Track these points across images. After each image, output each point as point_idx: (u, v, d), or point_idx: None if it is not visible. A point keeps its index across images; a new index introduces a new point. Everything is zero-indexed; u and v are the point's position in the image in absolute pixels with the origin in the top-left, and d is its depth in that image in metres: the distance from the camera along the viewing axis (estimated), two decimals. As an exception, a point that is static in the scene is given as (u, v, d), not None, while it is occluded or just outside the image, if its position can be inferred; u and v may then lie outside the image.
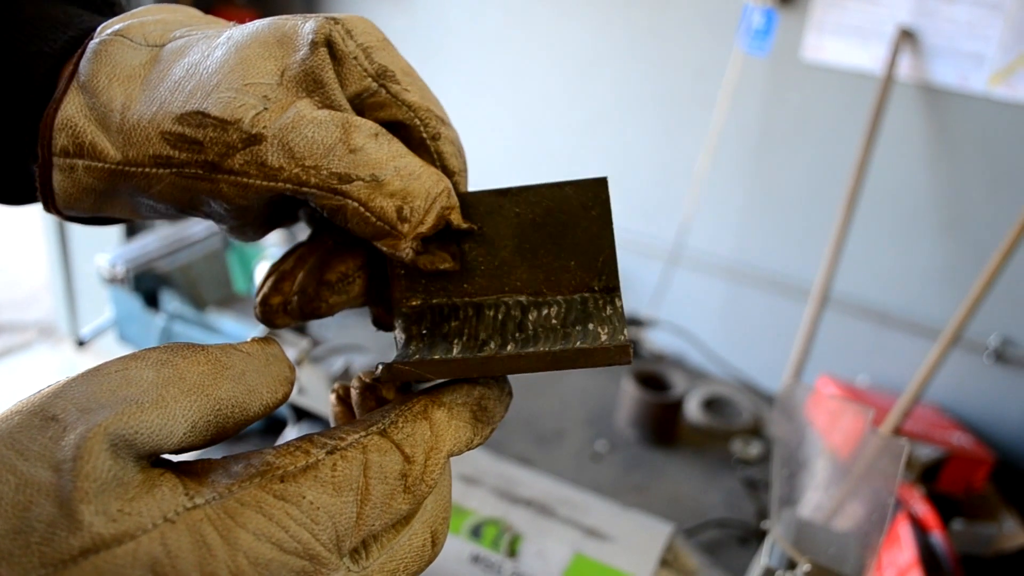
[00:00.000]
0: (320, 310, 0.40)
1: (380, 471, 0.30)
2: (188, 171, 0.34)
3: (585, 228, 0.38)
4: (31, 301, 3.49)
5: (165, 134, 0.34)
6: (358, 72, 0.36)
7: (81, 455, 0.24)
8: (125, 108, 0.34)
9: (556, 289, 0.38)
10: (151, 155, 0.34)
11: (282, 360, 0.33)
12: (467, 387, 0.35)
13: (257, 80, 0.34)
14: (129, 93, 0.35)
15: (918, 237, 2.23)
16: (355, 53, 0.36)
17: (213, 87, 0.33)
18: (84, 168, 0.35)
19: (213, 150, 0.33)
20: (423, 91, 0.38)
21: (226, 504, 0.26)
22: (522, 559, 0.90)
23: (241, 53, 0.34)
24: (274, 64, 0.35)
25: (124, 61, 0.35)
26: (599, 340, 0.35)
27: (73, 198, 0.37)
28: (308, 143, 0.33)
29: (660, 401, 1.41)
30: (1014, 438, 2.21)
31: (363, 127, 0.35)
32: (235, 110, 0.33)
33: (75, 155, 0.35)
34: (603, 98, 2.56)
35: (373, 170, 0.34)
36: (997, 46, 2.01)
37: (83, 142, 0.35)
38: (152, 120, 0.34)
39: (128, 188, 0.36)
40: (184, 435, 0.28)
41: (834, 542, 0.73)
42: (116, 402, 0.26)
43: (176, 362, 0.29)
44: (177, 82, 0.34)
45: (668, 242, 2.53)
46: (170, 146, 0.34)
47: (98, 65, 0.35)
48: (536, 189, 0.38)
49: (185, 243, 1.52)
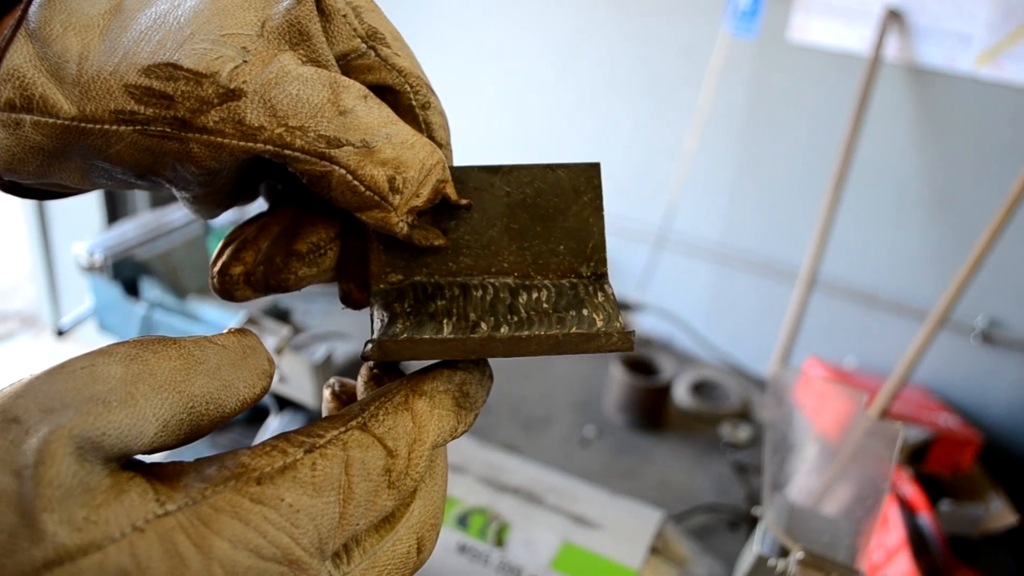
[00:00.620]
0: (288, 282, 0.37)
1: (362, 467, 0.28)
2: (154, 129, 0.31)
3: (576, 213, 0.37)
4: (13, 291, 3.46)
5: (129, 87, 0.30)
6: (347, 31, 0.33)
7: (44, 460, 0.22)
8: (82, 58, 0.31)
9: (544, 273, 0.37)
10: (112, 110, 0.31)
11: (260, 352, 0.31)
12: (447, 373, 0.33)
13: (236, 31, 0.31)
14: (87, 43, 0.31)
15: (905, 219, 2.23)
16: (344, 11, 0.33)
17: (186, 37, 0.30)
18: (32, 124, 0.32)
19: (185, 105, 0.30)
20: (412, 58, 0.36)
21: (199, 510, 0.24)
22: (509, 548, 0.89)
23: (218, 2, 0.31)
24: (254, 14, 0.32)
25: (81, 9, 0.32)
26: (595, 326, 0.34)
27: (17, 159, 0.33)
28: (293, 101, 0.30)
29: (648, 386, 1.40)
30: (1001, 419, 2.22)
31: (352, 88, 0.32)
32: (211, 62, 0.30)
33: (22, 109, 0.31)
34: (588, 80, 2.54)
35: (364, 135, 0.31)
36: (984, 26, 2.00)
37: (32, 95, 0.31)
38: (115, 72, 0.30)
39: (82, 148, 0.32)
40: (155, 435, 0.26)
41: (827, 529, 0.72)
42: (82, 401, 0.24)
43: (146, 357, 0.27)
44: (143, 32, 0.31)
45: (654, 225, 2.52)
46: (135, 100, 0.30)
47: (51, 12, 0.32)
48: (528, 169, 0.37)
49: (165, 230, 1.49)
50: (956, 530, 1.69)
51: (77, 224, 2.86)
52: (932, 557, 1.63)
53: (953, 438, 1.90)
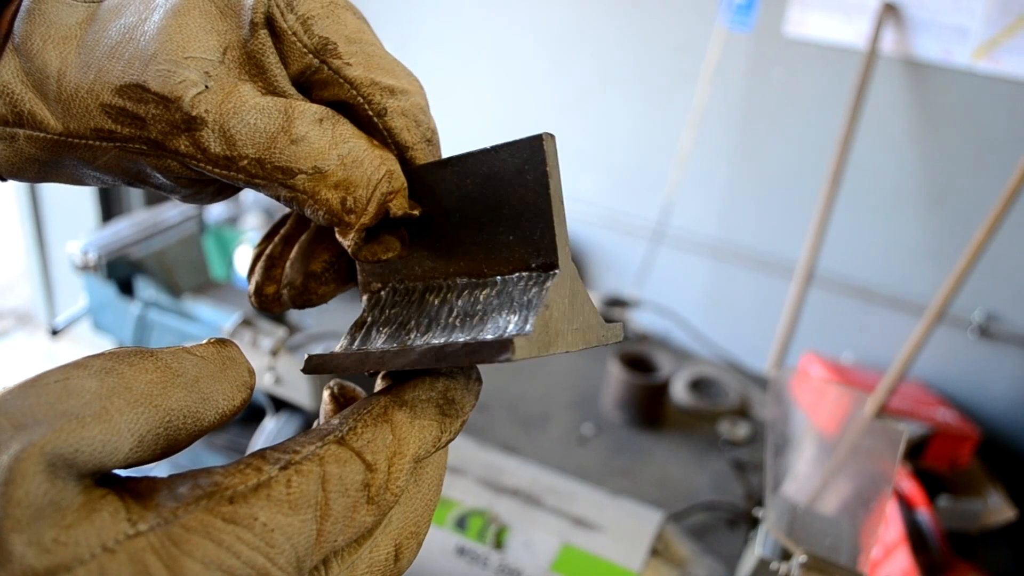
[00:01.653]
0: (312, 302, 0.40)
1: (340, 483, 0.27)
2: (132, 146, 0.33)
3: (521, 197, 0.33)
4: (8, 289, 3.44)
5: (105, 106, 0.32)
6: (298, 49, 0.34)
7: (13, 478, 0.21)
8: (61, 75, 0.33)
9: (496, 268, 0.34)
10: (92, 128, 0.33)
11: (240, 363, 0.30)
12: (429, 380, 0.32)
13: (198, 54, 0.32)
14: (64, 57, 0.33)
15: (902, 213, 2.22)
16: (294, 28, 0.33)
17: (151, 56, 0.32)
18: (25, 138, 0.34)
19: (156, 128, 0.32)
20: (368, 59, 0.34)
21: (170, 530, 0.24)
22: (509, 551, 0.88)
23: (180, 19, 0.32)
24: (216, 39, 0.33)
25: (59, 20, 0.33)
26: (500, 332, 0.31)
27: (16, 167, 0.35)
28: (250, 131, 0.32)
29: (646, 383, 1.40)
30: (999, 413, 2.22)
31: (306, 113, 0.33)
32: (175, 86, 0.31)
33: (15, 124, 0.34)
34: (584, 75, 2.53)
35: (315, 161, 0.33)
36: (981, 19, 2.00)
37: (22, 111, 0.33)
38: (91, 91, 0.32)
39: (72, 159, 0.34)
40: (131, 450, 0.25)
41: (829, 530, 0.72)
42: (55, 416, 0.23)
43: (121, 370, 0.26)
44: (113, 47, 0.32)
45: (651, 221, 2.51)
46: (111, 119, 0.32)
47: (32, 25, 0.33)
48: (473, 156, 0.34)
49: (159, 228, 1.48)
50: (954, 525, 1.69)
51: (72, 222, 2.85)
52: (931, 553, 1.63)
53: (951, 433, 1.90)
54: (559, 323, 0.31)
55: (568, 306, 0.32)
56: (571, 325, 0.31)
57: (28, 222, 2.94)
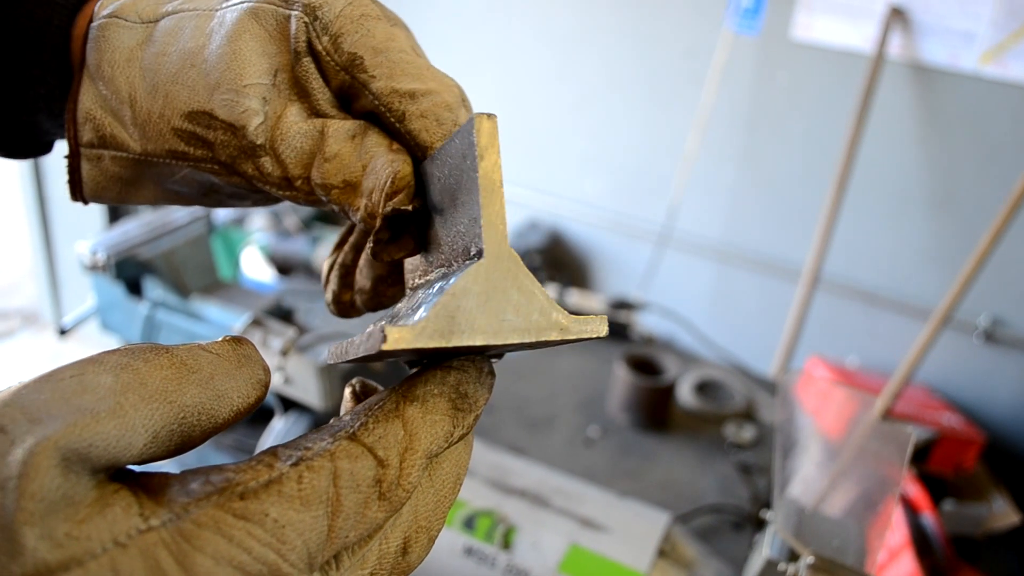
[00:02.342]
0: (383, 304, 0.42)
1: (351, 479, 0.27)
2: (204, 166, 0.36)
3: (465, 182, 0.32)
4: (14, 289, 3.45)
5: (177, 130, 0.36)
6: (332, 67, 0.36)
7: (27, 472, 0.22)
8: (132, 100, 0.36)
9: (455, 258, 0.33)
10: (167, 150, 0.36)
11: (255, 361, 0.30)
12: (440, 374, 0.32)
13: (254, 80, 0.35)
14: (132, 81, 0.36)
15: (908, 217, 2.22)
16: (327, 48, 0.36)
17: (214, 85, 0.35)
18: (110, 158, 0.38)
19: (225, 152, 0.36)
20: (393, 67, 0.36)
21: (182, 526, 0.24)
22: (516, 551, 0.89)
23: (235, 46, 0.35)
24: (268, 62, 0.36)
25: (121, 43, 0.37)
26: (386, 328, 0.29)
27: (101, 186, 0.39)
28: (296, 154, 0.35)
29: (652, 385, 1.40)
30: (1004, 418, 2.22)
31: (340, 132, 0.36)
32: (239, 115, 0.35)
33: (100, 146, 0.38)
34: (591, 77, 2.54)
35: (345, 176, 0.35)
36: (988, 24, 2.00)
37: (105, 134, 0.37)
38: (162, 115, 0.36)
39: (153, 175, 0.38)
40: (145, 446, 0.25)
41: (836, 532, 0.72)
42: (69, 411, 0.23)
43: (137, 366, 0.26)
44: (176, 73, 0.35)
45: (657, 223, 2.52)
46: (183, 142, 0.36)
47: (99, 53, 0.36)
48: (444, 146, 0.34)
49: (168, 229, 1.48)
50: (959, 530, 1.69)
51: (78, 222, 2.86)
52: (935, 557, 1.63)
53: (956, 437, 1.90)
54: (472, 314, 0.29)
55: (492, 296, 0.30)
56: (497, 316, 0.30)
57: (35, 222, 2.95)
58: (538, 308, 0.30)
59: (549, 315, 0.30)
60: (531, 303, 0.30)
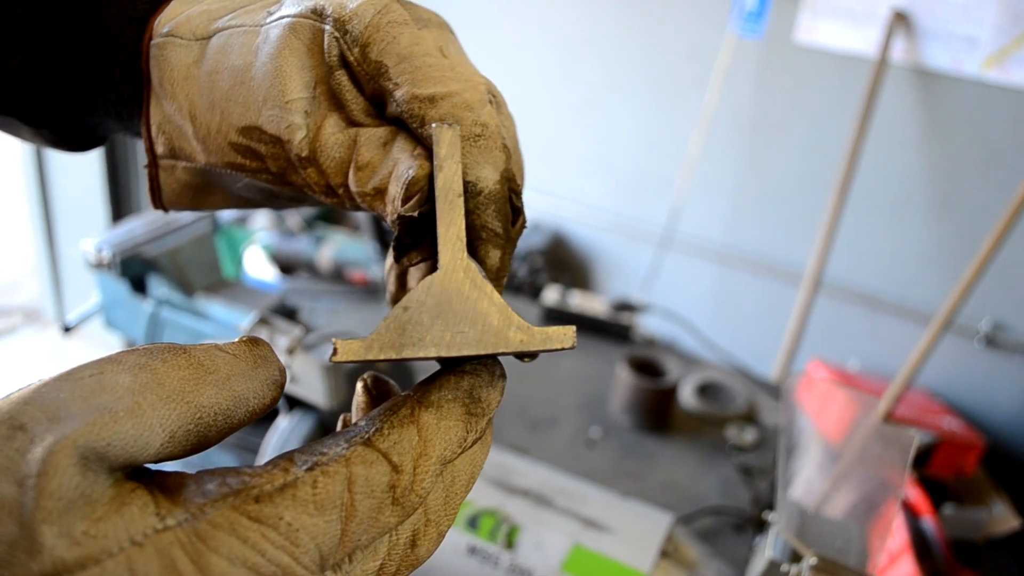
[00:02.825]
0: None
1: (366, 484, 0.28)
2: (260, 177, 0.39)
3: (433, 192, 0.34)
4: (16, 286, 3.46)
5: (233, 144, 0.38)
6: (363, 76, 0.37)
7: (46, 470, 0.22)
8: (193, 116, 0.39)
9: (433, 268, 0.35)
10: (226, 162, 0.39)
11: (271, 362, 0.31)
12: (454, 379, 0.32)
13: (296, 95, 0.37)
14: (191, 98, 0.39)
15: (910, 221, 2.23)
16: (357, 59, 0.37)
17: (262, 102, 0.37)
18: (182, 168, 0.41)
19: (275, 164, 0.38)
20: (415, 73, 0.36)
21: (197, 526, 0.24)
22: (520, 550, 0.89)
23: (277, 63, 0.37)
24: (308, 75, 0.38)
25: (179, 62, 0.39)
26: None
27: (176, 194, 0.43)
28: (335, 164, 0.37)
29: (654, 387, 1.40)
30: (1005, 423, 2.22)
31: (372, 140, 0.37)
32: (284, 130, 0.37)
33: (171, 157, 0.41)
34: (594, 80, 2.54)
35: (375, 183, 0.36)
36: (991, 29, 2.00)
37: (175, 146, 0.40)
38: (219, 130, 0.38)
39: (219, 183, 0.42)
40: (162, 445, 0.26)
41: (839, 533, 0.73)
42: (88, 410, 0.24)
43: (155, 366, 0.27)
44: (229, 91, 0.38)
45: (659, 225, 2.52)
46: (240, 155, 0.38)
47: (160, 71, 0.39)
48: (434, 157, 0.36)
49: (172, 227, 1.49)
50: (959, 534, 1.69)
51: (81, 220, 2.87)
52: (935, 561, 1.63)
53: (956, 442, 1.91)
54: (424, 327, 0.30)
55: (445, 309, 0.30)
56: (450, 329, 0.30)
57: (38, 220, 2.95)
58: (494, 321, 0.30)
59: (505, 329, 0.30)
60: (487, 316, 0.30)
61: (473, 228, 0.37)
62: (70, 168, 2.78)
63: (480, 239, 0.38)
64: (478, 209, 0.36)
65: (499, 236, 0.37)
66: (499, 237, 0.37)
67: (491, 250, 0.38)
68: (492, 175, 0.36)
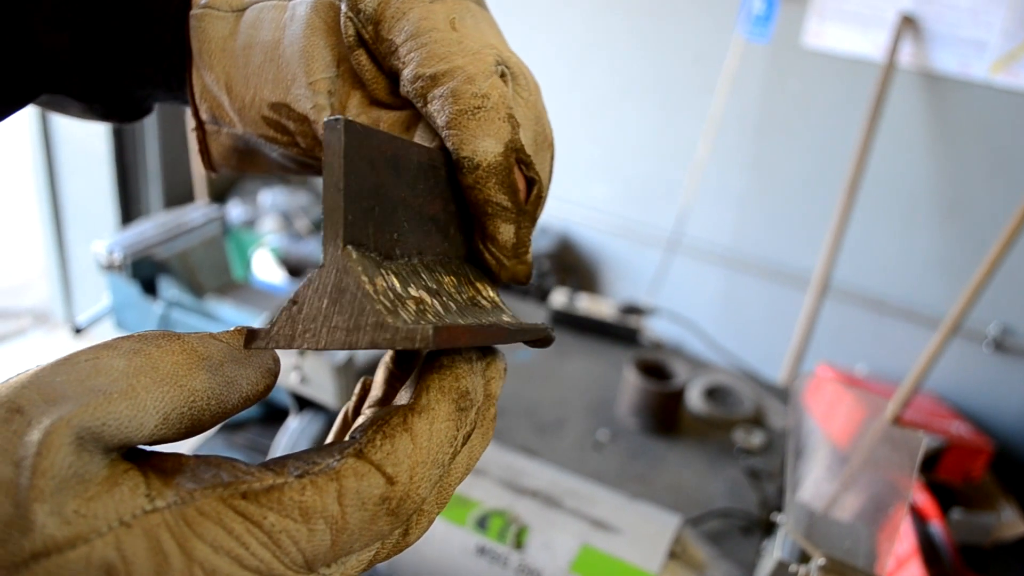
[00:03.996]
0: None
1: (357, 497, 0.28)
2: (292, 150, 0.40)
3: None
4: (26, 288, 3.47)
5: (265, 118, 0.39)
6: (380, 56, 0.38)
7: (41, 451, 0.23)
8: (229, 88, 0.40)
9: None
10: (259, 133, 0.40)
11: (265, 351, 0.31)
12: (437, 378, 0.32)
13: (321, 75, 0.38)
14: (227, 70, 0.40)
15: (918, 225, 2.23)
16: (372, 37, 0.37)
17: (291, 80, 0.38)
18: (225, 133, 0.43)
19: (304, 141, 0.39)
20: (422, 50, 0.36)
21: (185, 511, 0.25)
22: (529, 551, 0.89)
23: (303, 43, 0.38)
24: (332, 53, 0.38)
25: (216, 33, 0.40)
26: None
27: (223, 156, 0.45)
28: None
29: (662, 390, 1.40)
30: (1013, 427, 2.22)
31: (392, 125, 0.38)
32: (309, 111, 0.38)
33: (215, 122, 0.42)
34: (601, 84, 2.55)
35: None
36: (999, 33, 2.00)
37: (217, 114, 0.41)
38: (252, 103, 0.39)
39: (260, 149, 0.43)
40: (156, 427, 0.26)
41: (847, 535, 0.73)
42: (84, 393, 0.25)
43: (149, 351, 0.27)
44: (260, 66, 0.39)
45: (666, 229, 2.52)
46: (271, 128, 0.40)
47: (199, 42, 0.40)
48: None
49: (183, 229, 1.50)
50: (967, 539, 1.69)
51: (90, 222, 2.88)
52: (943, 565, 1.63)
53: (965, 446, 1.90)
54: (311, 320, 0.29)
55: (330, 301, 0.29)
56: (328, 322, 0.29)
57: (48, 222, 2.97)
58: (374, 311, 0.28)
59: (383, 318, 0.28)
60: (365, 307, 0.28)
61: (477, 204, 0.36)
62: (79, 170, 2.80)
63: (486, 214, 0.37)
64: (478, 184, 0.36)
65: (507, 209, 0.36)
66: (508, 211, 0.36)
67: (500, 225, 0.37)
68: (493, 147, 0.35)
